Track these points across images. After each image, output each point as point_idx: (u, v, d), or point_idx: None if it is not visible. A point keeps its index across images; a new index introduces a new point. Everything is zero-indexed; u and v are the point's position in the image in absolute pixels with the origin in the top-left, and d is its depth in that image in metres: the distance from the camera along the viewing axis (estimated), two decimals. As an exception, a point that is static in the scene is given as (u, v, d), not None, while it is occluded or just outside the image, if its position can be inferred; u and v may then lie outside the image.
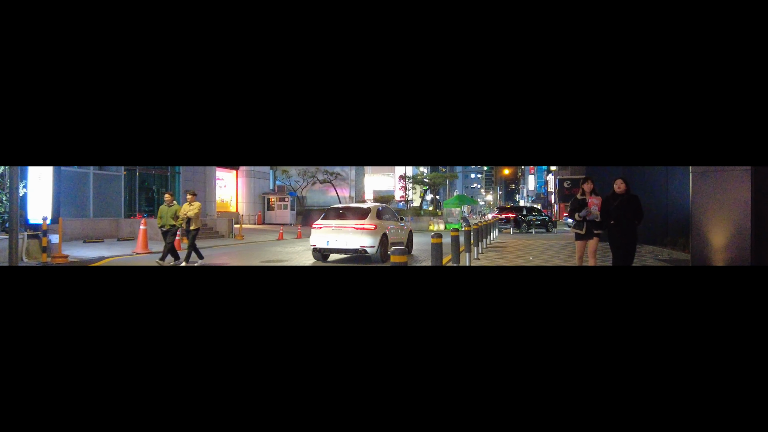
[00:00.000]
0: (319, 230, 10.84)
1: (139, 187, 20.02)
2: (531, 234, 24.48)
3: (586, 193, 6.85)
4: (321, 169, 36.36)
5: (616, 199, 6.43)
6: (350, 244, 10.49)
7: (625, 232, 6.43)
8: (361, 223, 10.62)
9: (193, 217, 10.30)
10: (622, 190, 6.42)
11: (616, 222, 6.45)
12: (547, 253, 12.70)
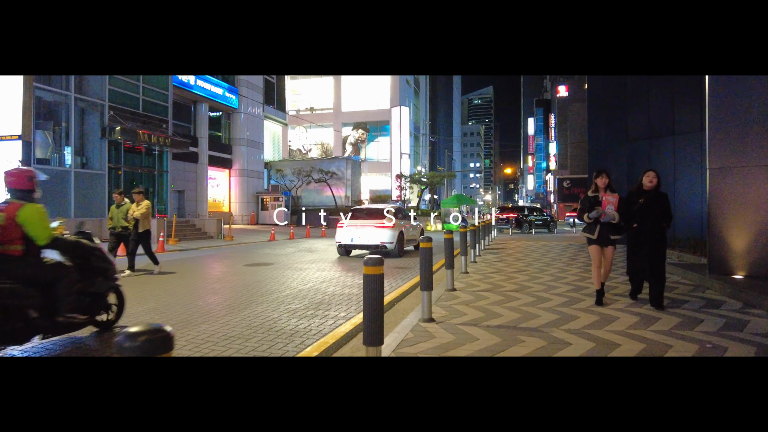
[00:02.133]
0: (344, 229, 12.42)
1: (124, 186, 19.26)
2: (531, 234, 23.78)
3: (600, 188, 5.65)
4: (316, 168, 35.64)
5: (641, 197, 5.35)
6: (372, 240, 12.12)
7: (651, 238, 5.29)
8: (381, 222, 12.21)
9: (141, 217, 9.06)
10: (654, 185, 5.31)
11: (640, 225, 5.36)
12: (548, 255, 12.00)
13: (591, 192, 5.75)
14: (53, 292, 4.11)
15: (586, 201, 5.72)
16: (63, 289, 4.16)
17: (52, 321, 4.09)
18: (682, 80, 12.35)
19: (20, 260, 4.05)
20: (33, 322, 3.96)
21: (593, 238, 5.66)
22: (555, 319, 4.97)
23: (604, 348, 3.92)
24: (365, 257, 3.08)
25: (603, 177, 5.66)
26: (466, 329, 4.61)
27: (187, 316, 5.60)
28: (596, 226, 5.62)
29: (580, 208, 5.84)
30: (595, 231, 5.64)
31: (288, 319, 5.51)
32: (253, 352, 4.23)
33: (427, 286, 4.96)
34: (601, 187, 5.66)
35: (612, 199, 5.48)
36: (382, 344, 3.08)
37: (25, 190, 4.20)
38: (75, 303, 4.32)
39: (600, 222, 5.55)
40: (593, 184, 5.75)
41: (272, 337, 4.72)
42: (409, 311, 5.94)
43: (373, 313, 3.02)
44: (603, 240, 5.60)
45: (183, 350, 4.24)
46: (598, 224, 5.59)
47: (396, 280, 8.70)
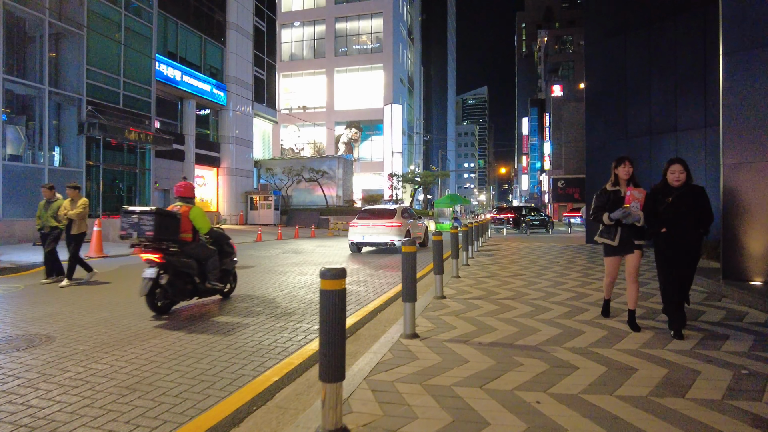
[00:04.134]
0: (356, 228, 13.52)
1: (104, 185, 18.48)
2: (525, 235, 23.18)
3: (621, 181, 4.51)
4: (307, 166, 34.91)
5: (670, 194, 4.23)
6: (381, 238, 13.28)
7: (683, 244, 4.21)
8: (390, 222, 13.40)
9: (76, 217, 7.70)
10: (682, 180, 4.21)
11: (670, 229, 4.24)
12: (544, 258, 11.37)
13: (610, 185, 4.57)
14: (206, 266, 6.07)
15: (605, 197, 4.54)
16: (212, 264, 6.13)
17: (203, 286, 6.02)
18: (685, 75, 11.78)
19: (190, 244, 5.98)
20: (196, 286, 5.95)
21: (613, 245, 4.51)
22: (556, 335, 4.32)
23: (618, 375, 3.27)
24: (322, 268, 2.41)
25: (626, 165, 4.47)
26: (454, 348, 3.95)
27: (136, 330, 4.92)
28: (616, 229, 4.46)
29: (596, 205, 4.60)
30: (615, 235, 4.47)
31: (253, 332, 4.83)
32: (201, 377, 3.55)
33: (410, 297, 4.29)
34: (623, 179, 4.49)
35: (638, 195, 4.31)
36: (344, 379, 2.41)
37: (190, 197, 6.20)
38: (217, 275, 6.20)
39: (621, 224, 4.44)
40: (612, 175, 4.57)
41: (229, 356, 4.05)
42: (393, 322, 5.29)
43: (332, 340, 2.35)
44: (625, 246, 4.48)
45: (120, 373, 3.56)
46: (619, 227, 4.46)
47: (387, 279, 8.04)
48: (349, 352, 4.21)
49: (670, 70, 12.18)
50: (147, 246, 5.54)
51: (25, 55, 16.24)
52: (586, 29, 15.67)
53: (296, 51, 51.54)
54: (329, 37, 49.59)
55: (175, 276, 5.63)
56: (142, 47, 20.06)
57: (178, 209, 5.94)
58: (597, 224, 4.69)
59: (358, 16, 49.37)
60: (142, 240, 5.52)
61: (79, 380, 3.48)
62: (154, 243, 5.54)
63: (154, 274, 5.40)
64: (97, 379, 3.49)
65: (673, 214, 4.22)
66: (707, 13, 11.05)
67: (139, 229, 5.50)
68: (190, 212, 5.95)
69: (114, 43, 18.51)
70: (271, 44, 36.70)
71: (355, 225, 13.64)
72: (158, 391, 3.28)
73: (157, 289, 5.51)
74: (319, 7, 50.38)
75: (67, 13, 16.71)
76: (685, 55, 11.77)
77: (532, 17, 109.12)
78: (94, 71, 17.60)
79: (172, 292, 5.61)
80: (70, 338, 4.59)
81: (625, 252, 4.53)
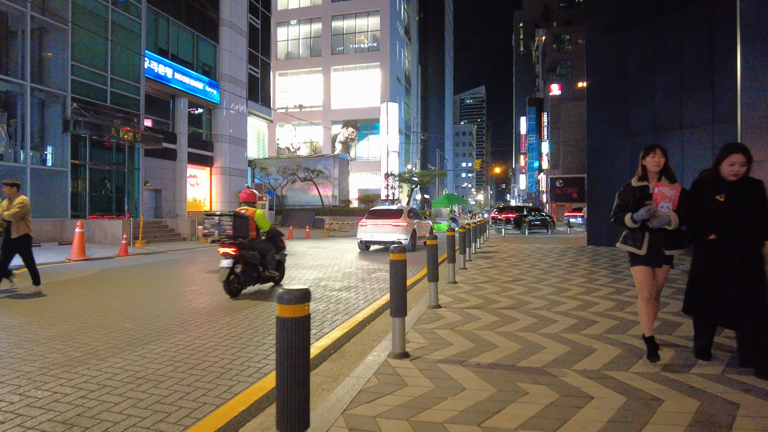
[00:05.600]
0: (365, 227, 14.31)
1: (90, 184, 17.93)
2: (524, 235, 22.71)
3: (650, 174, 3.64)
4: (302, 166, 34.39)
5: (722, 189, 3.37)
6: (389, 237, 13.92)
7: (739, 257, 3.32)
8: (397, 221, 14.10)
9: (12, 218, 6.83)
10: (740, 174, 3.33)
11: (720, 237, 3.39)
12: (545, 260, 10.89)
13: (636, 180, 3.68)
14: (265, 258, 7.30)
15: (629, 194, 3.66)
16: (270, 256, 7.38)
17: (264, 274, 7.29)
18: (691, 70, 11.32)
19: (254, 239, 7.20)
20: (260, 274, 7.21)
21: (640, 254, 3.59)
22: (564, 354, 3.84)
23: (642, 408, 2.79)
24: (278, 291, 1.92)
25: (656, 154, 3.56)
26: (449, 370, 3.46)
27: (95, 347, 4.41)
28: (643, 234, 3.58)
29: (617, 204, 3.71)
30: (642, 242, 3.58)
31: (225, 349, 4.34)
32: (155, 406, 3.06)
33: (399, 310, 3.80)
34: (652, 172, 3.61)
35: (670, 192, 3.45)
36: (308, 427, 1.91)
37: (253, 202, 7.41)
38: (274, 265, 7.51)
39: (649, 228, 3.56)
40: (639, 167, 3.68)
41: (193, 380, 3.55)
42: (383, 335, 4.80)
43: (291, 382, 1.86)
44: (655, 257, 3.56)
45: (62, 402, 3.06)
46: (647, 231, 3.58)
47: (380, 284, 7.54)
48: (331, 373, 3.73)
49: (674, 66, 11.72)
50: (225, 241, 6.79)
51: (6, 51, 15.68)
52: (587, 24, 15.21)
53: (292, 49, 50.99)
54: (326, 35, 49.06)
55: (245, 265, 6.93)
56: (130, 43, 19.51)
57: (244, 211, 7.14)
58: (621, 227, 3.73)
59: (354, 14, 48.85)
60: (222, 237, 6.78)
61: (9, 413, 2.97)
62: (231, 239, 6.77)
63: (231, 264, 6.68)
64: (31, 411, 2.99)
65: (727, 215, 3.32)
66: (714, 4, 10.59)
67: (220, 228, 6.76)
68: (254, 214, 7.22)
69: (101, 39, 17.95)
70: (266, 42, 36.13)
71: (364, 224, 14.36)
72: (100, 427, 2.79)
73: (231, 276, 6.75)
74: (315, 5, 49.84)
75: (51, 8, 16.15)
76: (691, 50, 11.32)
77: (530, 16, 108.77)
78: (80, 67, 17.04)
79: (243, 279, 6.89)
80: (17, 357, 4.08)
81: (653, 263, 3.59)
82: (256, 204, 7.46)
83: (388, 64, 47.31)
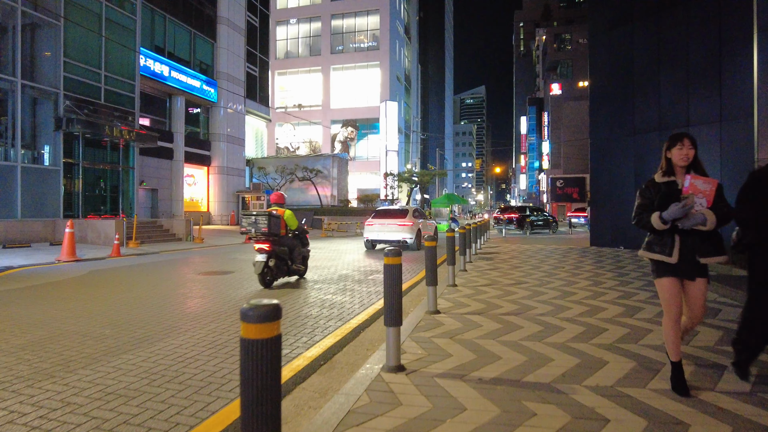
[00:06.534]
0: (372, 226, 14.79)
1: (84, 184, 17.61)
2: (525, 235, 22.39)
3: (677, 169, 3.07)
4: (300, 165, 34.07)
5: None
6: (395, 236, 14.41)
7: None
8: (403, 221, 14.59)
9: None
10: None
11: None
12: (547, 262, 10.58)
13: (660, 175, 3.11)
14: (293, 253, 8.09)
15: (652, 191, 3.09)
16: (297, 251, 8.18)
17: (292, 268, 8.07)
18: (698, 66, 11.00)
19: (284, 237, 7.90)
20: (289, 267, 7.99)
21: (671, 262, 2.99)
22: (574, 367, 3.52)
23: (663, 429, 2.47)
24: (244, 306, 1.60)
25: (684, 145, 3.01)
26: (448, 387, 3.15)
27: (68, 357, 4.09)
28: (673, 238, 2.99)
29: (639, 203, 3.13)
30: (672, 248, 2.99)
31: (208, 359, 4.02)
32: (121, 428, 2.75)
33: (394, 319, 3.49)
34: (679, 167, 3.05)
35: (704, 185, 2.89)
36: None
37: (282, 203, 8.27)
38: (299, 260, 8.28)
39: (678, 230, 2.98)
40: (663, 160, 3.12)
41: (168, 395, 3.24)
42: (377, 343, 4.50)
43: (257, 417, 1.54)
44: (688, 266, 2.98)
45: (18, 424, 2.75)
46: (676, 234, 2.99)
47: (377, 287, 7.22)
48: (320, 388, 3.42)
49: (681, 61, 11.40)
50: (259, 238, 7.53)
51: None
52: (590, 20, 14.89)
53: (292, 48, 50.67)
54: (325, 34, 48.74)
55: (278, 259, 7.71)
56: (125, 40, 19.19)
57: (275, 211, 7.89)
58: (645, 230, 3.15)
59: (354, 13, 48.53)
60: (258, 234, 7.53)
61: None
62: (265, 236, 7.53)
63: (265, 258, 7.50)
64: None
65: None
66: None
67: (256, 227, 7.53)
68: (284, 214, 8.00)
69: (94, 35, 17.63)
70: (264, 40, 35.81)
71: (371, 224, 14.85)
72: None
73: (265, 269, 7.51)
74: (314, 3, 49.52)
75: (43, 3, 15.83)
76: (698, 45, 10.99)
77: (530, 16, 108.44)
78: (73, 64, 16.73)
79: (276, 271, 7.71)
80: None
81: (685, 275, 3.00)
82: (285, 204, 8.42)
83: (388, 64, 46.99)
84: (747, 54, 9.86)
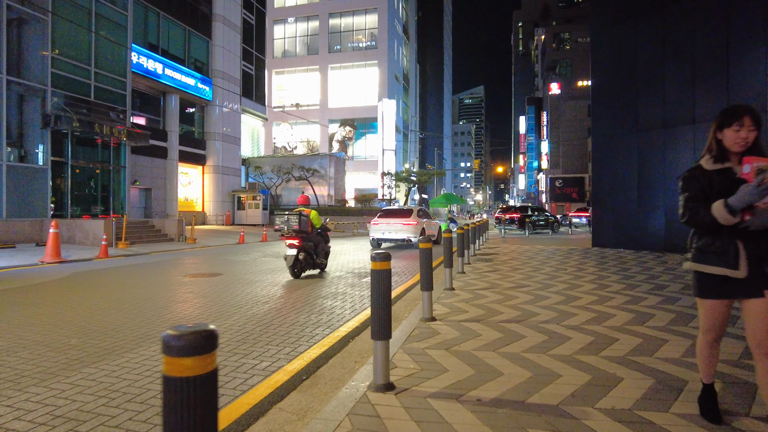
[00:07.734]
0: (377, 225, 15.38)
1: (74, 183, 17.19)
2: (525, 236, 22.00)
3: (730, 155, 2.34)
4: (297, 165, 33.66)
5: None
6: (399, 235, 15.00)
7: None
8: (407, 221, 15.10)
9: None
10: None
11: None
12: (548, 264, 10.19)
13: (709, 161, 2.38)
14: (317, 248, 9.09)
15: (700, 181, 2.36)
16: (321, 246, 9.18)
17: (317, 262, 9.05)
18: (704, 62, 10.63)
19: (310, 234, 8.86)
20: (314, 261, 8.97)
21: (738, 276, 2.26)
22: (584, 384, 3.13)
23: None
24: (164, 334, 1.21)
25: (743, 125, 2.26)
26: (443, 410, 2.75)
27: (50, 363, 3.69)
28: (735, 243, 2.27)
29: (689, 195, 2.36)
30: (738, 257, 2.25)
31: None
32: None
33: (382, 332, 3.09)
34: (733, 152, 2.32)
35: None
36: None
37: (308, 204, 9.41)
38: (323, 255, 9.27)
39: (738, 233, 2.26)
40: (712, 143, 2.39)
41: (125, 418, 2.84)
42: (366, 354, 4.10)
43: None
44: (756, 280, 2.25)
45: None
46: (739, 240, 2.26)
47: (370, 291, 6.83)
48: (298, 408, 3.02)
49: (686, 57, 11.03)
50: (291, 235, 8.49)
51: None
52: (592, 15, 14.51)
53: (289, 47, 50.27)
54: (323, 33, 48.35)
55: (306, 253, 8.63)
56: (116, 36, 18.78)
57: (303, 212, 8.85)
58: (699, 229, 2.39)
59: (352, 11, 48.15)
60: (290, 231, 8.51)
61: None
62: (296, 233, 8.50)
63: (296, 252, 8.44)
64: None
65: None
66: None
67: (288, 224, 8.58)
68: (310, 214, 8.94)
69: (84, 31, 17.21)
70: (261, 38, 35.40)
71: (377, 223, 15.38)
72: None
73: (296, 262, 8.42)
74: (312, 2, 49.13)
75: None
76: (704, 40, 10.62)
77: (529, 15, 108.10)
78: (61, 60, 16.31)
79: (304, 264, 8.64)
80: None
81: (749, 292, 2.27)
82: (311, 205, 9.29)
83: (386, 62, 46.61)
84: (756, 47, 9.49)
